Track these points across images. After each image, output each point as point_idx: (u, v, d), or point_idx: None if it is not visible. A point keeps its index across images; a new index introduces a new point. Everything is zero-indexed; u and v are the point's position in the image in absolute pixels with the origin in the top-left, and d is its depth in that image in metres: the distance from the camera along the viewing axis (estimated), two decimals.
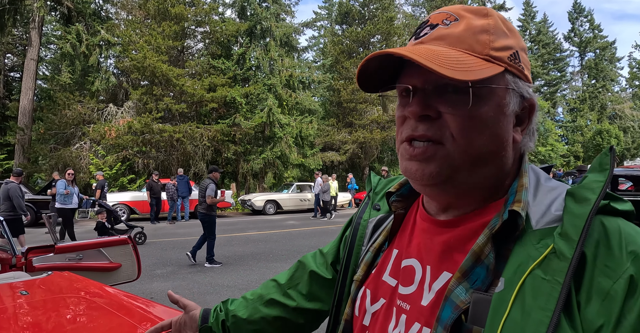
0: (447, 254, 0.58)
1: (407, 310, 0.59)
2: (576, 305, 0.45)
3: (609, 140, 31.14)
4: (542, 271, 0.47)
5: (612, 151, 0.54)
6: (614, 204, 0.51)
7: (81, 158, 17.49)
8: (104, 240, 3.05)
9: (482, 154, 0.55)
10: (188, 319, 0.94)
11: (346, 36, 25.79)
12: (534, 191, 0.55)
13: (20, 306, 1.81)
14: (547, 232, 0.50)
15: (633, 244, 0.47)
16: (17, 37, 23.33)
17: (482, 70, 0.52)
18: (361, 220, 0.78)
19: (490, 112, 0.54)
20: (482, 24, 0.56)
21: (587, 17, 39.79)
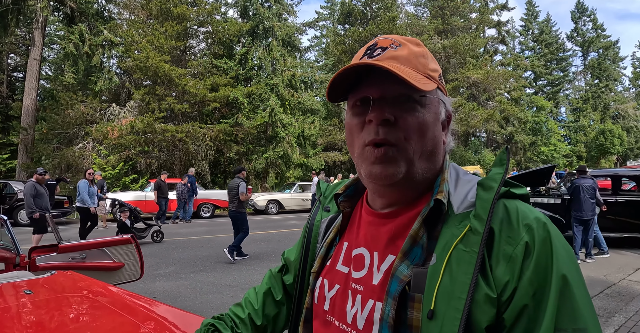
0: (391, 240, 0.70)
1: (361, 291, 0.70)
2: (489, 267, 0.59)
3: (612, 140, 31.00)
4: (463, 245, 0.60)
5: (507, 150, 0.69)
6: (513, 190, 0.65)
7: (84, 158, 17.53)
8: (107, 239, 3.06)
9: (426, 153, 0.69)
10: None
11: (348, 36, 25.76)
12: (455, 184, 0.69)
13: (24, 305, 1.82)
14: (465, 215, 0.63)
15: (527, 219, 0.61)
16: (20, 38, 23.42)
17: (427, 84, 0.66)
18: (314, 221, 0.90)
19: (431, 118, 0.69)
20: (419, 51, 0.70)
21: (590, 16, 39.67)
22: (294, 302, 0.88)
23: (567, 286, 0.57)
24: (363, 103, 0.69)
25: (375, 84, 0.68)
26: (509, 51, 36.89)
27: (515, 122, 31.00)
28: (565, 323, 0.56)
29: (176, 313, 1.88)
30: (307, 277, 0.84)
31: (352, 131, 0.72)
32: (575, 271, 0.60)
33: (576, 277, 0.59)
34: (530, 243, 0.59)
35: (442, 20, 28.95)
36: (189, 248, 8.61)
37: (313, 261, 0.85)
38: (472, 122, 25.79)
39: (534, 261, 0.58)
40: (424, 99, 0.68)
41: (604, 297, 5.06)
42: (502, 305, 0.58)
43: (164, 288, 5.48)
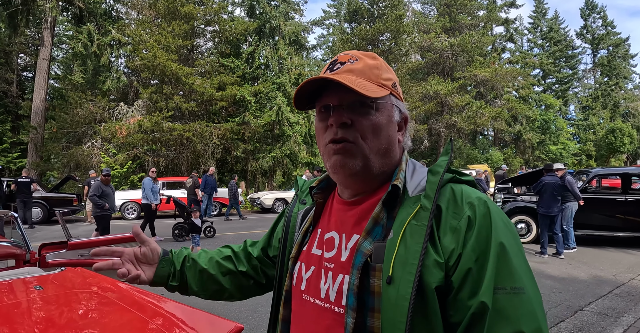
0: (356, 223, 0.81)
1: (332, 268, 0.80)
2: (437, 238, 0.70)
3: (622, 138, 30.63)
4: (415, 220, 0.71)
5: (451, 142, 0.82)
6: (459, 177, 0.79)
7: (92, 157, 17.68)
8: (115, 236, 3.08)
9: (381, 149, 0.80)
10: (149, 251, 1.01)
11: (355, 34, 25.69)
12: (412, 174, 0.81)
13: (35, 300, 1.84)
14: (418, 197, 0.75)
15: (469, 198, 0.74)
16: (30, 38, 23.64)
17: (378, 91, 0.78)
18: (292, 213, 1.00)
19: (384, 120, 0.80)
20: (374, 63, 0.82)
21: (600, 13, 39.19)
22: (275, 286, 0.97)
23: (504, 252, 0.68)
24: (326, 110, 0.81)
25: (334, 93, 0.80)
26: (517, 49, 36.58)
27: (524, 121, 30.75)
28: (504, 282, 0.67)
29: (184, 310, 1.89)
30: (286, 263, 0.93)
31: (318, 133, 0.84)
32: (512, 239, 0.71)
33: (513, 244, 0.70)
34: (472, 217, 0.71)
35: (450, 18, 28.76)
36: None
37: (291, 248, 0.94)
38: (479, 120, 25.61)
39: (475, 231, 0.69)
40: (376, 104, 0.79)
41: (613, 297, 5.01)
42: (450, 269, 0.68)
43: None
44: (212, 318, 1.79)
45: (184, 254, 1.07)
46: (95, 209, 7.86)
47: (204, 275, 1.06)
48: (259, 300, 4.84)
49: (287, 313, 0.89)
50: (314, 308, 0.81)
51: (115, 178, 17.24)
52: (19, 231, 3.01)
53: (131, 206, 14.12)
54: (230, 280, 1.08)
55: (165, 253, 1.05)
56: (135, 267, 1.00)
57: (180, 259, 1.06)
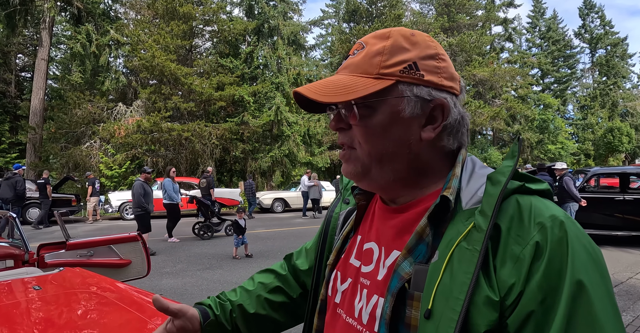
0: (397, 235, 0.69)
1: (368, 286, 0.70)
2: (493, 268, 0.55)
3: (620, 138, 30.70)
4: (466, 242, 0.56)
5: (519, 141, 0.64)
6: (528, 185, 0.60)
7: (91, 157, 17.67)
8: (114, 237, 3.09)
9: (385, 155, 0.68)
10: (188, 321, 0.85)
11: (354, 34, 25.70)
12: (468, 178, 0.65)
13: (33, 301, 1.84)
14: (473, 211, 0.59)
15: (540, 216, 0.56)
16: (28, 38, 23.62)
17: (365, 89, 0.64)
18: (333, 213, 0.90)
19: (385, 119, 0.66)
20: (378, 48, 0.67)
21: (598, 13, 39.27)
22: (310, 292, 0.88)
23: (584, 293, 0.51)
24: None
25: None
26: (516, 48, 36.62)
27: (522, 120, 30.80)
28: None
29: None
30: (324, 269, 0.84)
31: None
32: (596, 276, 0.53)
33: (597, 284, 0.52)
34: (541, 243, 0.54)
35: (448, 17, 28.79)
36: (195, 246, 8.66)
37: (329, 253, 0.85)
38: (478, 120, 25.65)
39: (544, 263, 0.53)
40: (371, 103, 0.66)
41: None
42: (506, 310, 0.54)
43: (171, 286, 5.52)
44: None
45: (228, 308, 0.91)
46: (136, 208, 8.02)
47: (257, 319, 0.93)
48: None
49: (321, 324, 0.81)
50: (347, 327, 0.72)
51: (114, 179, 17.23)
52: (18, 231, 3.01)
53: (130, 207, 14.10)
54: (285, 312, 0.96)
55: (206, 315, 0.88)
56: None
57: (227, 316, 0.91)
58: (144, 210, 8.01)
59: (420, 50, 0.67)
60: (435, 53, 0.68)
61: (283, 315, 0.96)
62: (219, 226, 9.77)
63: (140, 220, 8.02)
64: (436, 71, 0.67)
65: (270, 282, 0.98)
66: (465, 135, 0.73)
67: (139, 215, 8.01)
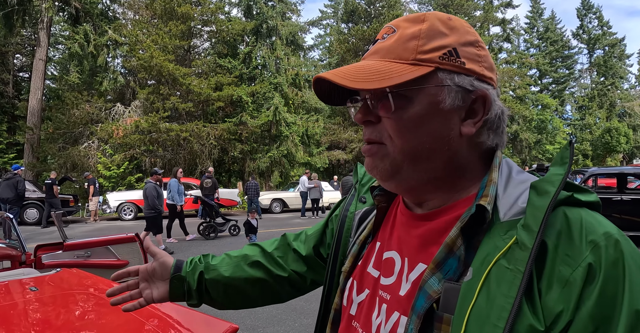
0: (423, 246, 0.62)
1: (388, 300, 0.63)
2: (537, 292, 0.48)
3: (618, 138, 30.77)
4: (506, 260, 0.49)
5: (571, 145, 0.56)
6: (577, 196, 0.53)
7: (89, 157, 17.64)
8: (111, 237, 3.08)
9: (421, 151, 0.59)
10: (158, 266, 0.89)
11: (352, 34, 25.72)
12: (505, 185, 0.58)
13: (30, 302, 1.84)
14: (513, 224, 0.52)
15: (593, 233, 0.49)
16: (26, 38, 23.56)
17: (402, 75, 0.56)
18: (348, 212, 0.82)
19: (423, 111, 0.58)
20: (413, 31, 0.60)
21: (596, 13, 39.36)
22: (322, 300, 0.81)
23: None
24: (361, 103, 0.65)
25: None
26: (514, 49, 36.67)
27: (520, 121, 30.84)
28: None
29: (180, 311, 1.90)
30: (337, 275, 0.78)
31: None
32: None
33: None
34: (595, 265, 0.47)
35: None
36: (193, 246, 8.65)
37: (344, 257, 0.78)
38: None
39: (598, 289, 0.46)
40: (406, 91, 0.58)
41: None
42: None
43: None
44: (208, 318, 1.79)
45: (199, 269, 0.90)
46: (149, 210, 8.05)
47: (229, 289, 0.91)
48: None
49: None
50: None
51: (112, 179, 17.20)
52: (15, 232, 3.01)
53: (128, 207, 14.09)
54: (258, 288, 0.92)
55: (177, 269, 0.89)
56: (149, 286, 0.89)
57: (195, 276, 0.89)
58: (157, 211, 8.08)
59: (460, 35, 0.60)
60: (475, 40, 0.62)
61: (255, 291, 0.92)
62: (224, 226, 9.83)
63: (152, 221, 8.08)
64: (477, 59, 0.61)
65: (253, 255, 0.93)
66: (504, 133, 0.65)
67: (152, 217, 8.06)
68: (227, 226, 9.87)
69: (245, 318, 4.22)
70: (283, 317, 4.28)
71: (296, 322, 4.16)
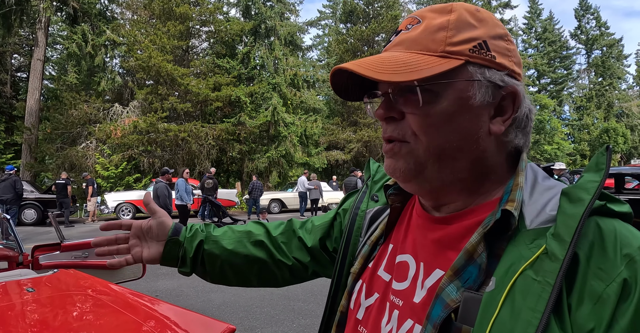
0: (441, 251, 0.58)
1: (400, 306, 0.60)
2: (567, 307, 0.45)
3: (616, 138, 30.88)
4: (534, 271, 0.46)
5: (608, 151, 0.52)
6: (610, 206, 0.50)
7: (87, 157, 17.61)
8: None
9: (447, 150, 0.56)
10: (156, 225, 0.85)
11: (351, 35, 25.73)
12: (531, 190, 0.55)
13: (27, 303, 1.83)
14: (541, 232, 0.49)
15: (628, 246, 0.46)
16: (24, 38, 23.50)
17: (431, 68, 0.53)
18: (359, 210, 0.79)
19: (451, 106, 0.55)
20: (441, 22, 0.56)
21: (594, 14, 39.45)
22: (327, 300, 0.78)
23: None
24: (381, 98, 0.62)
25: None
26: None
27: None
28: None
29: (177, 312, 1.89)
30: (345, 276, 0.74)
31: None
32: None
33: None
34: (630, 281, 0.44)
35: None
36: None
37: (353, 257, 0.75)
38: None
39: (633, 307, 0.43)
40: (434, 85, 0.55)
41: None
42: None
43: (166, 287, 5.51)
44: (205, 319, 1.79)
45: (199, 237, 0.86)
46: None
47: (226, 264, 0.87)
48: (253, 301, 4.84)
49: None
50: None
51: (110, 179, 17.17)
52: (12, 233, 3.00)
53: (126, 208, 14.07)
54: (259, 270, 0.88)
55: (176, 232, 0.85)
56: (140, 244, 0.85)
57: (194, 243, 0.85)
58: (168, 211, 8.16)
59: (489, 28, 0.57)
60: (505, 33, 0.59)
61: (253, 270, 0.88)
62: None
63: None
64: (507, 53, 0.58)
65: (257, 234, 0.90)
66: (530, 134, 0.62)
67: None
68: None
69: (243, 318, 4.21)
70: (281, 318, 4.27)
71: (294, 322, 4.16)
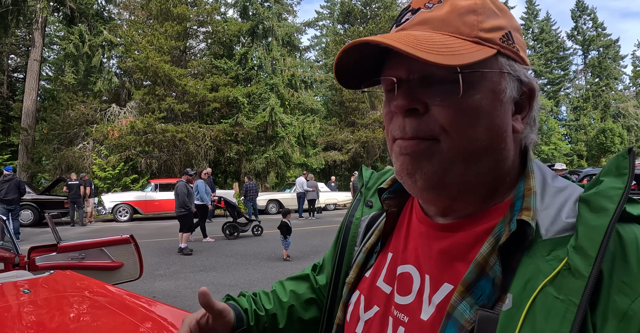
0: (448, 263, 0.53)
1: (406, 323, 0.55)
2: (591, 326, 0.40)
3: (613, 139, 31.00)
4: (555, 289, 0.42)
5: (631, 154, 0.47)
6: (629, 209, 0.44)
7: (84, 158, 17.56)
8: (106, 239, 3.06)
9: (479, 149, 0.50)
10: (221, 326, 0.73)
11: (348, 35, 25.76)
12: (541, 193, 0.50)
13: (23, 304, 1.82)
14: (559, 242, 0.44)
15: None
16: (20, 38, 23.42)
17: (471, 54, 0.46)
18: (353, 218, 0.74)
19: (484, 100, 0.49)
20: (469, 4, 0.50)
21: (591, 15, 39.61)
22: (323, 313, 0.74)
23: None
24: (390, 87, 0.53)
25: (399, 62, 0.51)
26: None
27: None
28: None
29: (175, 313, 1.88)
30: (341, 286, 0.70)
31: (385, 123, 0.56)
32: None
33: None
34: None
35: None
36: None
37: (348, 267, 0.70)
38: None
39: None
40: (470, 74, 0.48)
41: None
42: None
43: (164, 288, 5.49)
44: None
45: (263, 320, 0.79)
46: (179, 209, 8.23)
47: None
48: None
49: None
50: None
51: (107, 180, 17.12)
52: (7, 234, 2.98)
53: (123, 209, 14.03)
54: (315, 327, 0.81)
55: (240, 322, 0.75)
56: None
57: (259, 329, 0.78)
58: (188, 209, 8.26)
59: (510, 19, 0.52)
60: (520, 27, 0.54)
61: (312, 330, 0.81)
62: (246, 226, 9.99)
63: (183, 220, 8.23)
64: (524, 48, 0.53)
65: (303, 293, 0.82)
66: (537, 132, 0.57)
67: (182, 215, 8.23)
68: (249, 226, 10.03)
69: None
70: None
71: None
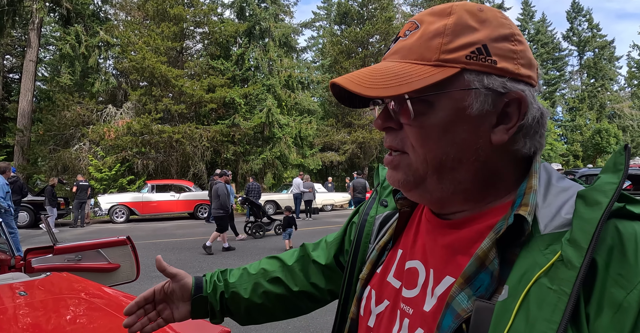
0: (451, 257, 0.56)
1: (410, 315, 0.58)
2: (585, 317, 0.42)
3: (608, 139, 31.16)
4: (549, 280, 0.44)
5: (627, 150, 0.49)
6: (630, 207, 0.46)
7: (80, 159, 17.49)
8: (102, 240, 3.05)
9: (446, 162, 0.54)
10: (178, 288, 0.86)
11: (345, 36, 25.79)
12: (544, 192, 0.52)
13: (19, 307, 1.82)
14: (556, 237, 0.47)
15: None
16: (16, 39, 23.32)
17: (422, 79, 0.51)
18: (368, 216, 0.78)
19: (446, 118, 0.53)
20: (437, 28, 0.54)
21: (586, 16, 39.82)
22: (338, 307, 0.78)
23: None
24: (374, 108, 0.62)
25: None
26: None
27: None
28: None
29: None
30: (355, 282, 0.74)
31: None
32: None
33: None
34: None
35: None
36: (186, 249, 8.60)
37: (362, 264, 0.74)
38: None
39: None
40: (428, 96, 0.53)
41: None
42: None
43: None
44: (199, 321, 1.78)
45: (219, 289, 0.89)
46: (217, 210, 8.23)
47: (251, 309, 0.90)
48: None
49: None
50: None
51: (104, 181, 17.07)
52: (3, 235, 2.97)
53: (120, 210, 13.98)
54: (280, 305, 0.90)
55: (198, 289, 0.87)
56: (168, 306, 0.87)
57: (217, 297, 0.88)
58: (225, 211, 8.30)
59: (492, 29, 0.54)
60: (511, 33, 0.55)
61: (276, 307, 0.90)
62: (269, 225, 10.27)
63: (220, 221, 8.26)
64: (512, 55, 0.54)
65: (272, 270, 0.91)
66: (543, 137, 0.58)
67: (220, 216, 8.24)
68: (272, 225, 10.33)
69: None
70: None
71: (289, 324, 4.16)
